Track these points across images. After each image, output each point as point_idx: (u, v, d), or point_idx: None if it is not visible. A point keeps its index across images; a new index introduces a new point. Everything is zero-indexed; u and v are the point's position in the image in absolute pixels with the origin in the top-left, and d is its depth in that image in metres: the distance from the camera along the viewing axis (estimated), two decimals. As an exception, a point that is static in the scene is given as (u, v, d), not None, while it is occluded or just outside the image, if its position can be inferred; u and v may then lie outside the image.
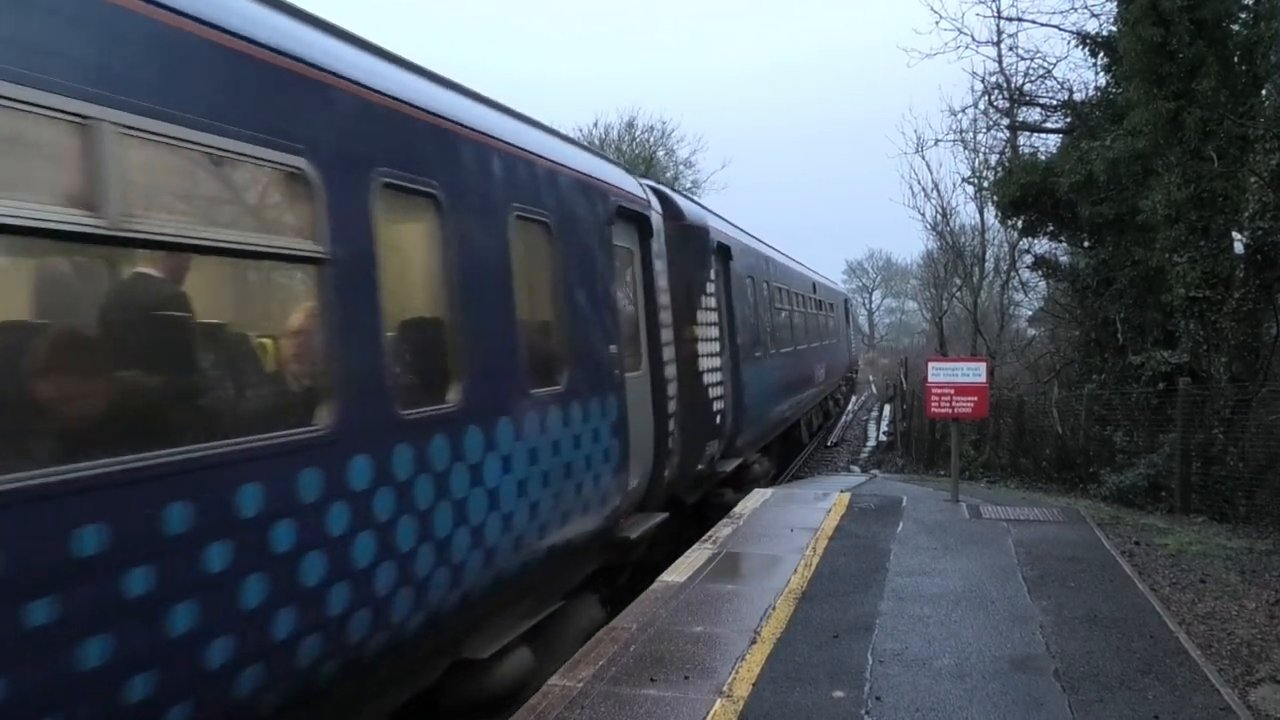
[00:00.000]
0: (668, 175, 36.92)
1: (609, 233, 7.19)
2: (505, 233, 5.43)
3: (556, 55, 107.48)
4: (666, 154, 39.15)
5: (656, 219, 8.65)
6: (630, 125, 38.20)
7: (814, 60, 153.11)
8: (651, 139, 38.60)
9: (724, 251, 11.28)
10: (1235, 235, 13.27)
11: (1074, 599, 6.47)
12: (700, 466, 9.53)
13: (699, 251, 9.82)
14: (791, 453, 18.83)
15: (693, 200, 11.68)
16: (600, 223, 7.02)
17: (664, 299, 8.54)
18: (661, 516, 7.99)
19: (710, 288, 10.06)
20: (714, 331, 10.05)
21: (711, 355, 9.83)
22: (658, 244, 8.56)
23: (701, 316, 9.60)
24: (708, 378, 9.59)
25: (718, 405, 10.01)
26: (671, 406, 8.42)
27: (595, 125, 37.08)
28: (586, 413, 6.34)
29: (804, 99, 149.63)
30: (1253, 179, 12.24)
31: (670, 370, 8.51)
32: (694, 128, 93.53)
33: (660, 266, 8.56)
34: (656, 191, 9.31)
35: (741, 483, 11.46)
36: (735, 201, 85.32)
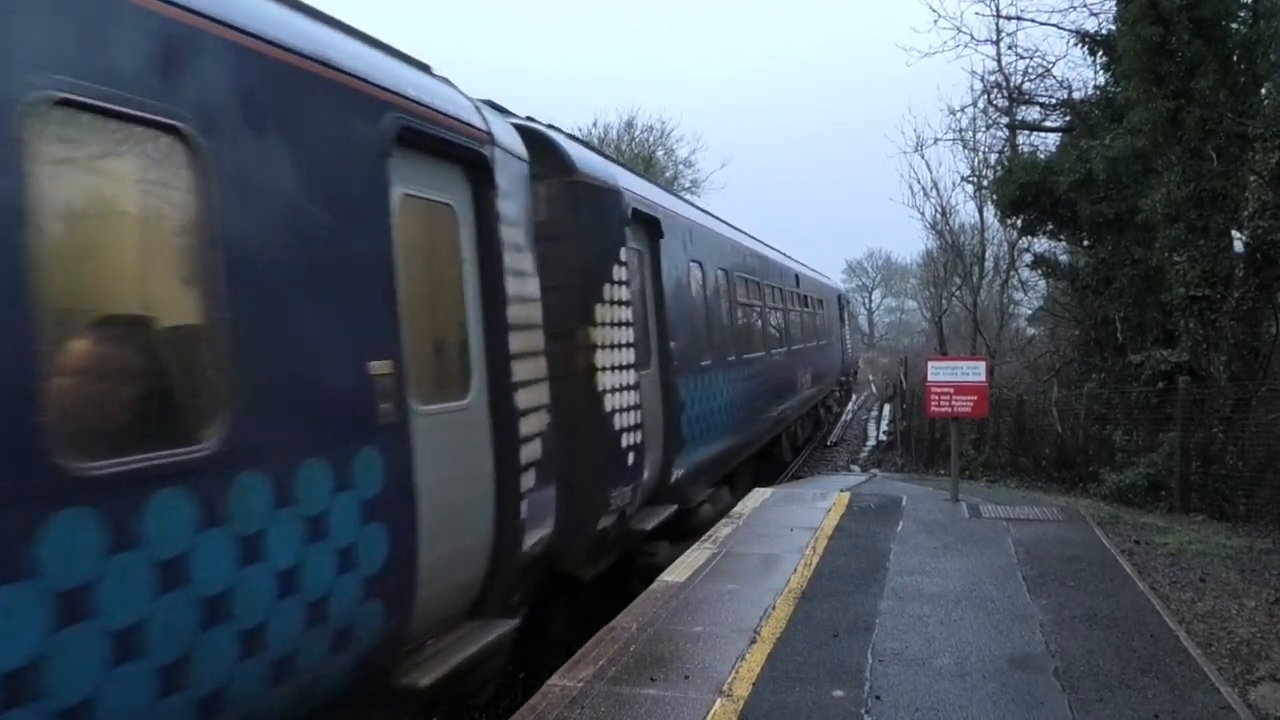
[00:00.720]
0: (667, 175, 37.08)
1: (383, 171, 4.42)
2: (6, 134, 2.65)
3: (558, 50, 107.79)
4: (666, 153, 39.43)
5: (514, 164, 5.83)
6: (630, 125, 38.55)
7: (814, 60, 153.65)
8: (651, 139, 38.90)
9: (650, 226, 8.63)
10: (1235, 234, 13.29)
11: (1074, 598, 6.47)
12: (603, 525, 6.99)
13: (602, 221, 7.23)
14: (770, 474, 15.86)
15: (597, 150, 9.04)
16: (358, 151, 4.28)
17: (525, 286, 5.82)
18: (505, 627, 5.20)
19: (621, 273, 7.40)
20: (627, 334, 7.45)
21: (622, 368, 7.31)
22: (512, 204, 5.71)
23: (604, 314, 7.06)
24: (613, 400, 7.11)
25: (630, 438, 7.40)
26: (534, 450, 5.65)
27: (595, 125, 37.33)
28: (287, 492, 3.59)
29: (803, 99, 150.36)
30: (1252, 178, 12.27)
31: (534, 394, 5.78)
32: (693, 127, 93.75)
33: (518, 238, 5.77)
34: (526, 130, 6.50)
35: (683, 533, 8.90)
36: (735, 201, 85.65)
